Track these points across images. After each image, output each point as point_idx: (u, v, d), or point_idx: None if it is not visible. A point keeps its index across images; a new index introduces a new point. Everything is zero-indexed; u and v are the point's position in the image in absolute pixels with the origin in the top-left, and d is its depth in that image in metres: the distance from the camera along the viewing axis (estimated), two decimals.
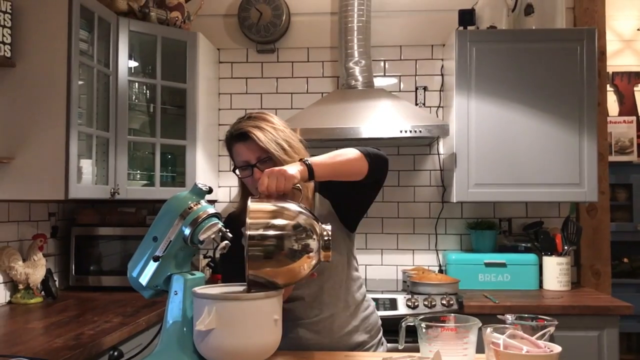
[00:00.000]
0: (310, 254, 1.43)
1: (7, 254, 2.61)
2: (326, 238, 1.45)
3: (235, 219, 1.81)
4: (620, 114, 4.76)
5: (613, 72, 4.70)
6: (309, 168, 1.55)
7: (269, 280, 1.43)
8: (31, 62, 2.39)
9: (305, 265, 1.43)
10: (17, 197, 2.42)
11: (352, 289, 1.82)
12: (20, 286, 2.66)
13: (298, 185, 1.51)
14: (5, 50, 2.32)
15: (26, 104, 2.39)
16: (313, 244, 1.43)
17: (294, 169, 1.51)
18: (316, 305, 1.75)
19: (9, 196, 2.41)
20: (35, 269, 2.67)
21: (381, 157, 1.74)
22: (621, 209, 4.72)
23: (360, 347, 1.80)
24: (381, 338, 1.90)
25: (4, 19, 2.31)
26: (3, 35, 2.31)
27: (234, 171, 1.77)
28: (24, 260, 2.67)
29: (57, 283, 2.89)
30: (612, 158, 4.31)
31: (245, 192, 1.80)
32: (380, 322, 1.91)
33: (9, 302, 2.67)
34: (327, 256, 1.46)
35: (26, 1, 2.40)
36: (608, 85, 4.30)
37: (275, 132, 1.72)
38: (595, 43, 3.01)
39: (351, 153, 1.67)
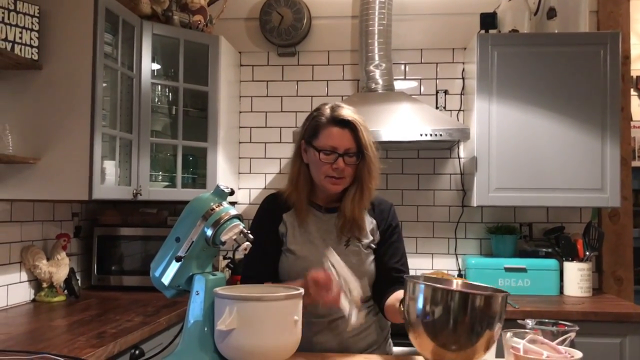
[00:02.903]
0: None
1: (32, 253, 2.66)
2: None
3: (277, 199, 1.82)
4: None
5: (637, 76, 4.63)
6: None
7: None
8: (57, 64, 2.44)
9: None
10: (41, 197, 2.46)
11: (368, 287, 1.82)
12: (44, 285, 2.71)
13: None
14: (32, 53, 2.37)
15: (52, 105, 2.43)
16: None
17: None
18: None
19: (33, 196, 2.45)
20: (59, 268, 2.71)
21: None
22: None
23: (369, 348, 1.79)
24: (389, 335, 1.90)
25: (32, 23, 2.36)
26: (30, 39, 2.36)
27: (309, 145, 1.74)
28: (47, 259, 2.72)
29: (79, 282, 2.93)
30: (636, 163, 4.26)
31: (303, 177, 1.78)
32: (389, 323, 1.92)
33: (33, 300, 2.72)
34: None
35: (53, 5, 2.44)
36: (632, 90, 4.24)
37: (370, 132, 1.75)
38: (619, 47, 2.98)
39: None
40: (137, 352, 2.08)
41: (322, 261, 1.71)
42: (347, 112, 1.74)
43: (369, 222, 1.82)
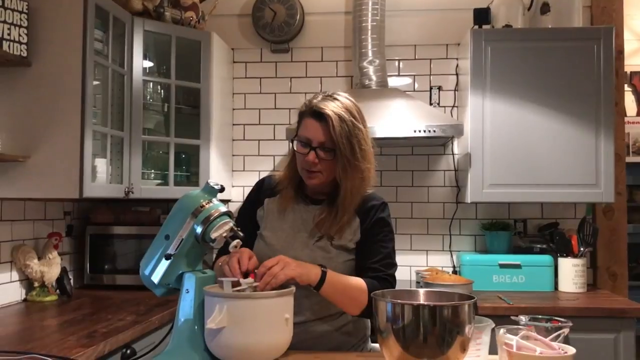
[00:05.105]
0: None
1: (23, 252, 2.63)
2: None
3: (265, 183, 1.83)
4: (638, 114, 4.71)
5: (631, 72, 4.65)
6: (322, 278, 1.56)
7: None
8: (47, 61, 2.41)
9: None
10: (32, 195, 2.44)
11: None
12: (36, 284, 2.68)
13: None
14: (21, 50, 2.35)
15: (41, 103, 2.41)
16: None
17: (307, 274, 1.54)
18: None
19: (24, 194, 2.43)
20: (51, 267, 2.69)
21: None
22: (638, 210, 4.67)
23: (338, 349, 1.72)
24: (365, 336, 1.83)
25: (20, 19, 2.34)
26: (19, 35, 2.34)
27: (292, 140, 1.72)
28: (39, 259, 2.69)
29: (72, 281, 2.91)
30: (630, 159, 4.27)
31: (293, 164, 1.76)
32: (368, 323, 1.83)
33: (25, 300, 2.70)
34: None
35: (42, 1, 2.42)
36: (626, 85, 4.25)
37: (353, 128, 1.63)
38: (612, 42, 2.97)
39: (362, 292, 1.61)
40: (128, 351, 2.06)
41: (286, 251, 1.63)
42: (326, 102, 1.64)
43: (353, 222, 1.73)
